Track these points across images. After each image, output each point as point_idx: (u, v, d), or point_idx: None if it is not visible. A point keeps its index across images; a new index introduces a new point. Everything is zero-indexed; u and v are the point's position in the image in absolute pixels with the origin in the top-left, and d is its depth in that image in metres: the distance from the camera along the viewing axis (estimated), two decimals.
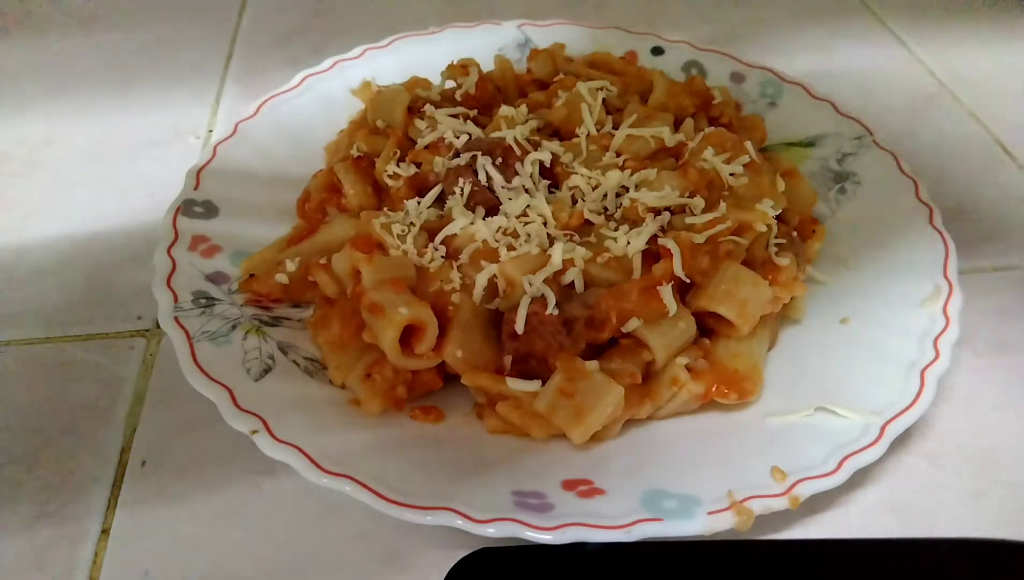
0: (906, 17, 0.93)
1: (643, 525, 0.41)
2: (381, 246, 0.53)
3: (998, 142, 0.75)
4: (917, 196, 0.60)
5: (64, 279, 0.61)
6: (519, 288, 0.49)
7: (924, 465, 0.49)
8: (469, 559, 0.41)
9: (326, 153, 0.67)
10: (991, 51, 0.88)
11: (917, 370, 0.48)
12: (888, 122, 0.74)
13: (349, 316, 0.50)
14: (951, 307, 0.51)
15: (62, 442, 0.50)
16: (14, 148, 0.73)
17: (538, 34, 0.77)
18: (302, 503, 0.46)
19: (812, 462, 0.44)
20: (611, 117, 0.62)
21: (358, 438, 0.46)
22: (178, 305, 0.50)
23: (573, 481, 0.45)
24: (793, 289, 0.53)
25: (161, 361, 0.54)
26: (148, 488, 0.47)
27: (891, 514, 0.46)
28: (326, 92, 0.70)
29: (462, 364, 0.48)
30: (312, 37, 0.89)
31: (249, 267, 0.55)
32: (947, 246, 0.55)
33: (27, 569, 0.44)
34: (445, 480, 0.44)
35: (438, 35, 0.76)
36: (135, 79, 0.82)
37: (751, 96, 0.72)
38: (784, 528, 0.45)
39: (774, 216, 0.54)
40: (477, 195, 0.55)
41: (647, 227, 0.52)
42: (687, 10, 0.95)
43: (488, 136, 0.59)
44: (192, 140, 0.74)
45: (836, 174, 0.65)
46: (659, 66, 0.72)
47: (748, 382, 0.49)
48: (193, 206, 0.58)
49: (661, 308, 0.49)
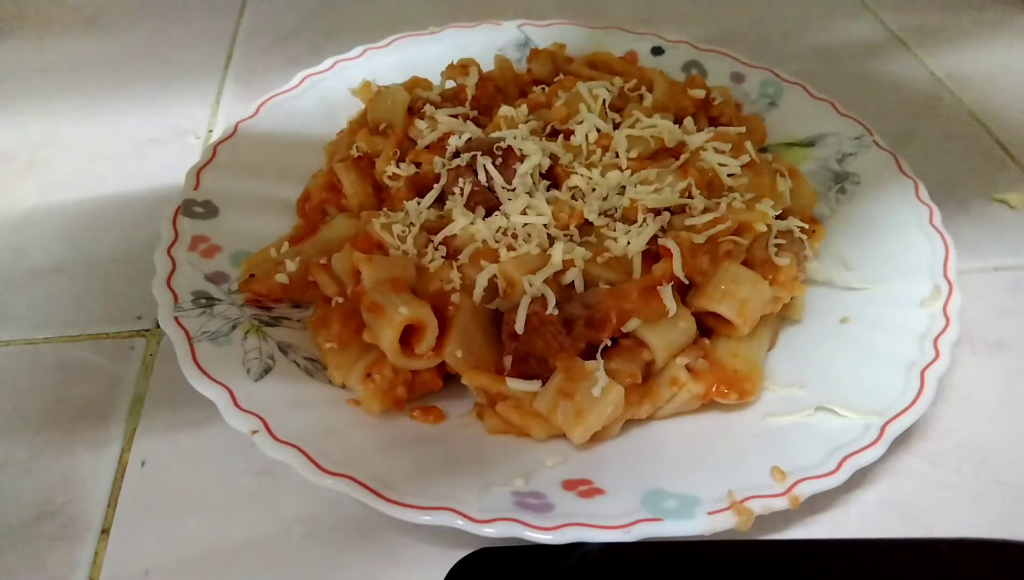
0: (906, 17, 0.93)
1: (643, 525, 0.41)
2: (381, 246, 0.53)
3: (998, 142, 0.75)
4: (917, 196, 0.60)
5: (64, 279, 0.61)
6: (519, 288, 0.49)
7: (924, 465, 0.49)
8: (469, 559, 0.41)
9: (326, 153, 0.67)
10: (991, 51, 0.88)
11: (917, 370, 0.48)
12: (888, 122, 0.74)
13: (349, 316, 0.50)
14: (951, 307, 0.51)
15: (62, 442, 0.50)
16: (14, 148, 0.73)
17: (538, 34, 0.77)
18: (302, 503, 0.46)
19: (812, 462, 0.44)
20: (611, 117, 0.62)
21: (358, 438, 0.46)
22: (178, 305, 0.50)
23: (573, 481, 0.45)
24: (793, 289, 0.53)
25: (161, 361, 0.54)
26: (148, 488, 0.47)
27: (891, 514, 0.46)
28: (326, 92, 0.70)
29: (462, 364, 0.48)
30: (312, 37, 0.89)
31: (249, 267, 0.54)
32: (947, 246, 0.56)
33: (27, 569, 0.44)
34: (445, 480, 0.44)
35: (438, 35, 0.76)
36: (135, 79, 0.82)
37: (751, 96, 0.72)
38: (784, 528, 0.45)
39: (774, 216, 0.54)
40: (477, 195, 0.55)
41: (647, 227, 0.52)
42: (687, 10, 0.95)
43: (488, 136, 0.59)
44: (192, 140, 0.74)
45: (836, 174, 0.65)
46: (659, 66, 0.72)
47: (748, 382, 0.49)
48: (193, 206, 0.58)
49: (661, 308, 0.49)
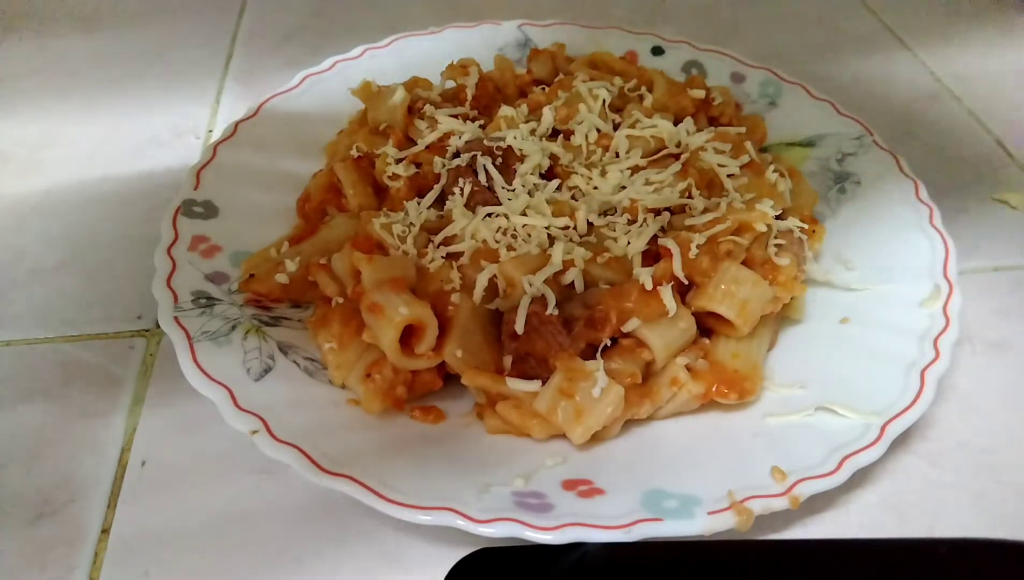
0: (906, 17, 0.93)
1: (643, 525, 0.41)
2: (381, 246, 0.53)
3: (998, 142, 0.75)
4: (917, 196, 0.60)
5: (64, 279, 0.61)
6: (519, 288, 0.49)
7: (924, 465, 0.49)
8: (469, 559, 0.41)
9: (326, 153, 0.67)
10: (991, 51, 0.88)
11: (917, 370, 0.48)
12: (888, 122, 0.74)
13: (349, 316, 0.50)
14: (951, 307, 0.51)
15: (62, 443, 0.50)
16: (14, 148, 0.73)
17: (538, 34, 0.77)
18: (302, 503, 0.46)
19: (812, 462, 0.44)
20: (611, 118, 0.62)
21: (358, 438, 0.46)
22: (178, 305, 0.50)
23: (573, 481, 0.45)
24: (793, 289, 0.53)
25: (161, 361, 0.54)
26: (148, 488, 0.47)
27: (891, 514, 0.46)
28: (326, 92, 0.70)
29: (462, 364, 0.48)
30: (312, 37, 0.89)
31: (249, 267, 0.54)
32: (947, 246, 0.56)
33: (27, 569, 0.44)
34: (445, 480, 0.44)
35: (438, 35, 0.76)
36: (135, 79, 0.82)
37: (751, 96, 0.72)
38: (784, 528, 0.45)
39: (774, 216, 0.54)
40: (477, 195, 0.55)
41: (647, 227, 0.52)
42: (687, 10, 0.95)
43: (488, 136, 0.59)
44: (192, 140, 0.74)
45: (836, 174, 0.65)
46: (659, 66, 0.72)
47: (748, 382, 0.49)
48: (193, 206, 0.58)
49: (661, 308, 0.49)
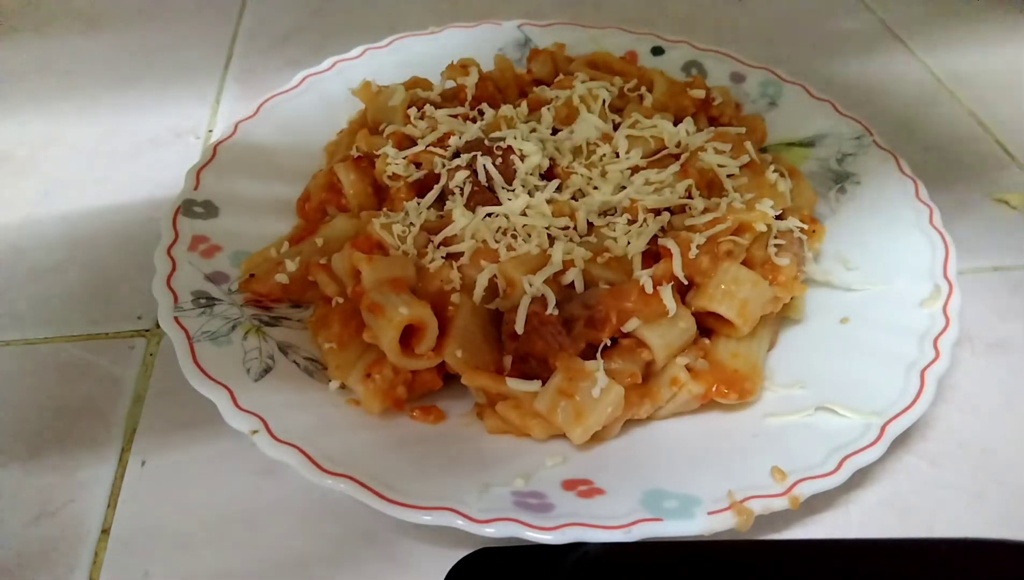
0: (906, 17, 0.93)
1: (643, 525, 0.41)
2: (381, 246, 0.53)
3: (998, 142, 0.75)
4: (917, 196, 0.60)
5: (64, 279, 0.61)
6: (519, 288, 0.49)
7: (924, 465, 0.49)
8: (469, 559, 0.41)
9: (326, 153, 0.67)
10: (991, 51, 0.88)
11: (917, 370, 0.48)
12: (888, 122, 0.74)
13: (349, 316, 0.50)
14: (951, 307, 0.51)
15: (62, 442, 0.50)
16: (14, 148, 0.73)
17: (538, 34, 0.77)
18: (302, 503, 0.46)
19: (812, 462, 0.44)
20: (611, 118, 0.62)
21: (358, 438, 0.46)
22: (178, 305, 0.50)
23: (573, 481, 0.45)
24: (793, 289, 0.53)
25: (161, 361, 0.54)
26: (148, 488, 0.47)
27: (891, 514, 0.46)
28: (326, 92, 0.70)
29: (462, 364, 0.48)
30: (312, 37, 0.89)
31: (249, 267, 0.54)
32: (947, 246, 0.56)
33: (27, 569, 0.44)
34: (445, 480, 0.44)
35: (438, 35, 0.76)
36: (135, 79, 0.82)
37: (751, 96, 0.72)
38: (784, 528, 0.45)
39: (774, 216, 0.54)
40: (477, 195, 0.55)
41: (647, 227, 0.52)
42: (687, 10, 0.95)
43: (488, 136, 0.59)
44: (192, 140, 0.74)
45: (836, 174, 0.65)
46: (659, 66, 0.72)
47: (748, 382, 0.49)
48: (193, 206, 0.58)
49: (661, 308, 0.49)
